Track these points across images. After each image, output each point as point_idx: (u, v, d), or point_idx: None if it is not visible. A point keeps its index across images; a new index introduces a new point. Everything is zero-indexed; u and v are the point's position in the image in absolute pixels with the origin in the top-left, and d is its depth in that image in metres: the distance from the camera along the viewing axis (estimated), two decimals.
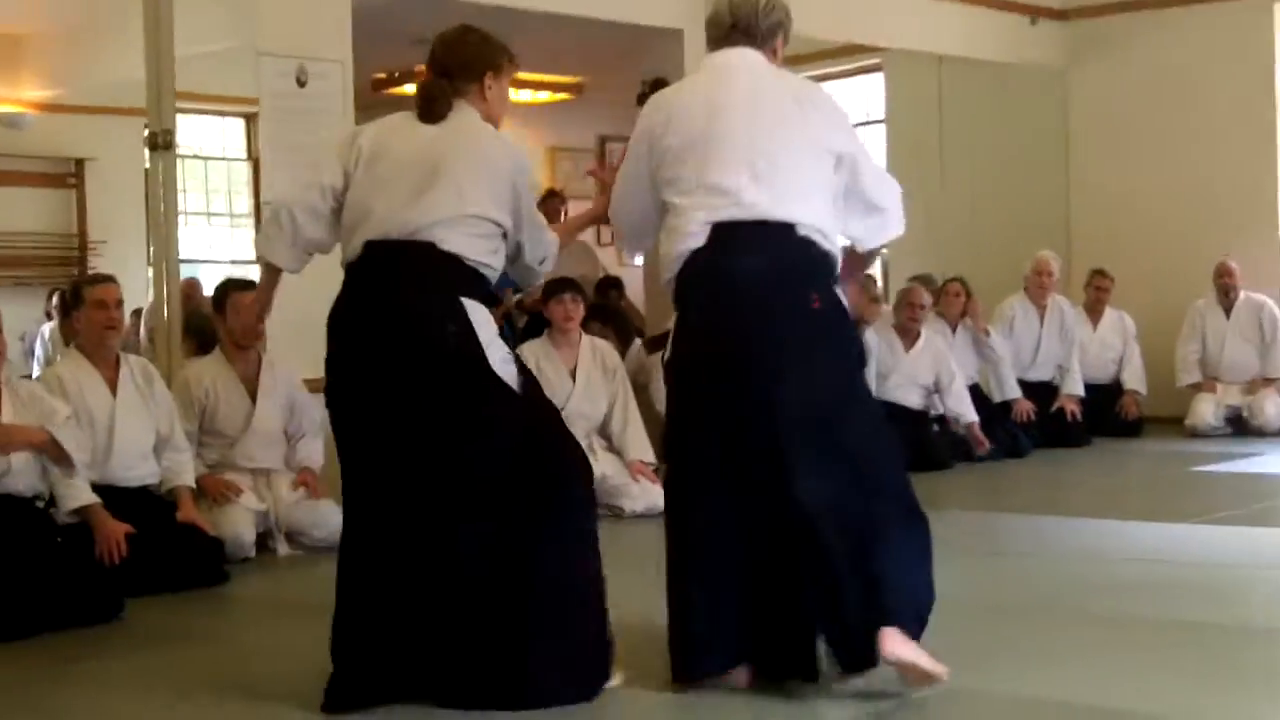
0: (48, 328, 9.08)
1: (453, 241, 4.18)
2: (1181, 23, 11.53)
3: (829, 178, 4.26)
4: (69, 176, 9.43)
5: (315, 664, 4.62)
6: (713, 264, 4.16)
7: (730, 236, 4.16)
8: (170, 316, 7.41)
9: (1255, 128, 11.34)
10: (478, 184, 4.25)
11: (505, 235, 4.35)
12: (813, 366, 4.08)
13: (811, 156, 4.24)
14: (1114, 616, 5.02)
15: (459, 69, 4.43)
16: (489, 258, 4.29)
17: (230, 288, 7.07)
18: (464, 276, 4.21)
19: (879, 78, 11.49)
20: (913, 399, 9.41)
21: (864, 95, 11.54)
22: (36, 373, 8.64)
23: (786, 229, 4.15)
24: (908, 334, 9.40)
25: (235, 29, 7.79)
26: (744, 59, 4.42)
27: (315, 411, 7.17)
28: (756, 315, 4.10)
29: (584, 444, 7.69)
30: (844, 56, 11.20)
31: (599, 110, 13.24)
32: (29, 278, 9.22)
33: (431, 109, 4.35)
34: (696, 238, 4.18)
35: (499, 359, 4.20)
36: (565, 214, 11.16)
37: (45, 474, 5.69)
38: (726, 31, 4.44)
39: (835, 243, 4.28)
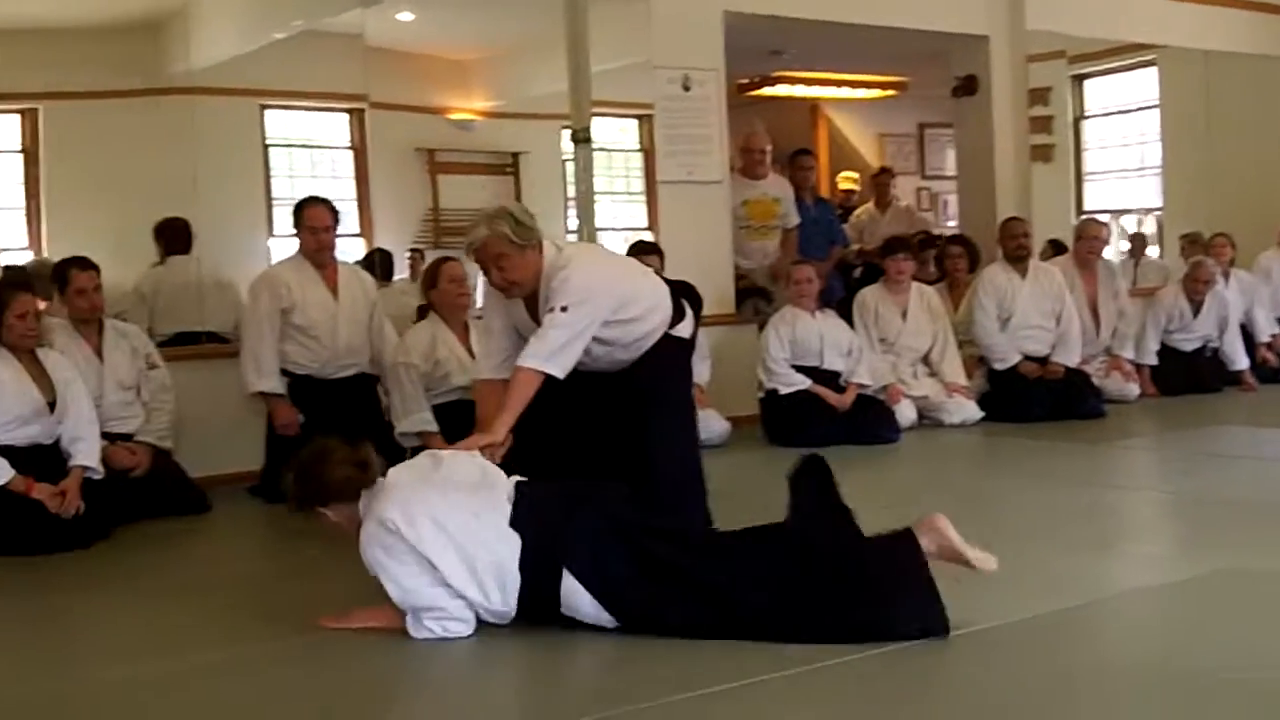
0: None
1: None
2: None
3: None
4: (507, 167, 9.75)
5: None
6: None
7: None
8: None
9: None
10: None
11: None
12: None
13: None
14: None
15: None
16: None
17: (637, 250, 7.14)
18: None
19: (1153, 71, 11.03)
20: (1191, 346, 8.98)
21: (1140, 85, 11.14)
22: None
23: None
24: (1194, 300, 8.92)
25: (635, 48, 7.93)
26: None
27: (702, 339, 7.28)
28: None
29: (909, 370, 7.72)
30: (1124, 53, 10.81)
31: (919, 103, 13.04)
32: None
33: None
34: None
35: None
36: (894, 186, 11.04)
37: None
38: None
39: None
